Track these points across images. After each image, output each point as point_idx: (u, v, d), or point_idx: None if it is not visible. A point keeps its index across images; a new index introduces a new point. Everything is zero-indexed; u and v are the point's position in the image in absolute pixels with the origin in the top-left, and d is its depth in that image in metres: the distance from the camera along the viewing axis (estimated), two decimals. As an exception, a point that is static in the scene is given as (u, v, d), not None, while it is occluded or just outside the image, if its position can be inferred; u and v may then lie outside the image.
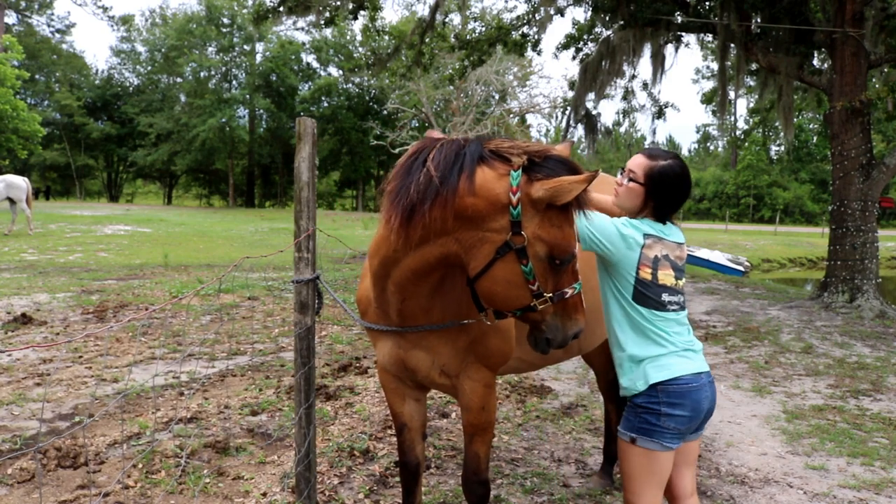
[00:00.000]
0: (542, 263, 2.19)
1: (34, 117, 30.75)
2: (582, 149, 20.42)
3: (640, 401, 2.45)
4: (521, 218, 2.12)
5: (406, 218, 2.21)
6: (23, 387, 5.41)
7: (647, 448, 2.44)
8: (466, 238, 2.21)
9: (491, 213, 2.15)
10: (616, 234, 2.44)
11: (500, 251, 2.17)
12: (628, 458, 2.49)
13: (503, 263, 2.18)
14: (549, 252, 2.17)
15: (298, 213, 2.99)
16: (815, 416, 5.68)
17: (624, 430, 2.50)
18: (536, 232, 2.15)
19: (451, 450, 4.53)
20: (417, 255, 2.32)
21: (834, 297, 11.78)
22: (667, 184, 2.48)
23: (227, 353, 6.83)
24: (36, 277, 11.35)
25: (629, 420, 2.49)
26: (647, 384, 2.43)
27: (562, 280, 2.25)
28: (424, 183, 2.17)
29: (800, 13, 12.59)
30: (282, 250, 3.93)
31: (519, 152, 2.18)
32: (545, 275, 2.21)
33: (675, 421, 2.41)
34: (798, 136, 53.06)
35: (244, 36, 47.46)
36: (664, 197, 2.50)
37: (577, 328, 2.33)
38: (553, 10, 15.00)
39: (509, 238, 2.14)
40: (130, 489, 3.67)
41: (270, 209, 48.41)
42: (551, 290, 2.23)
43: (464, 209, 2.16)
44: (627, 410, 2.52)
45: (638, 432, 2.45)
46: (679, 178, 2.50)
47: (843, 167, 11.80)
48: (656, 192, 2.49)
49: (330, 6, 14.91)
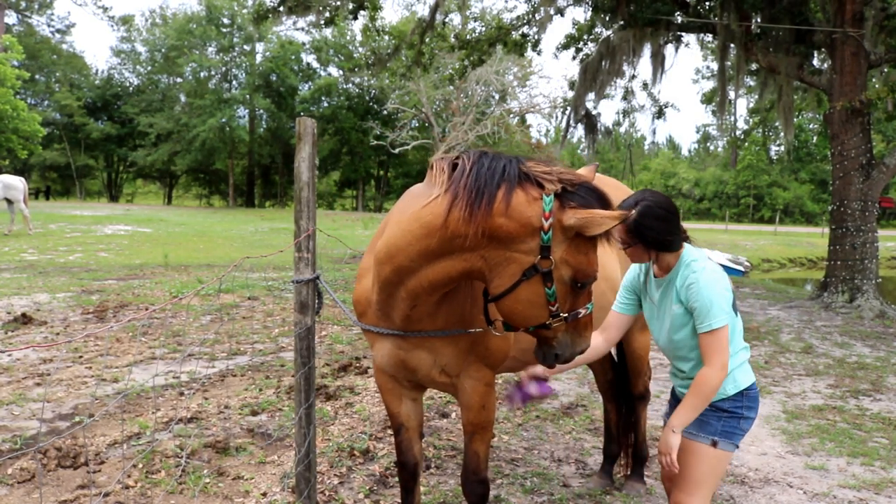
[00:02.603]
0: (564, 286, 2.24)
1: (34, 117, 30.73)
2: (582, 149, 20.43)
3: (727, 405, 2.53)
4: (551, 243, 2.16)
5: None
6: (23, 387, 5.41)
7: (725, 451, 2.53)
8: (493, 257, 2.24)
9: (521, 236, 2.18)
10: (727, 283, 2.53)
11: (526, 273, 2.20)
12: (702, 461, 2.54)
13: (528, 285, 2.22)
14: (573, 276, 2.23)
15: (298, 213, 2.99)
16: (815, 416, 5.68)
17: (702, 434, 2.54)
18: (564, 257, 2.19)
19: (450, 450, 4.53)
20: (439, 267, 2.32)
21: (834, 297, 11.78)
22: (649, 227, 2.51)
23: (227, 353, 6.83)
24: (36, 277, 11.35)
25: (710, 424, 2.54)
26: (737, 389, 2.53)
27: (578, 301, 2.31)
28: (464, 197, 2.21)
29: (800, 13, 12.59)
30: (282, 250, 3.93)
31: (553, 179, 2.20)
32: (565, 297, 2.26)
33: (749, 424, 2.56)
34: (798, 136, 53.04)
35: (244, 36, 47.42)
36: (657, 237, 2.53)
37: (585, 345, 2.39)
38: (553, 10, 15.00)
39: (537, 261, 2.18)
40: (130, 489, 3.67)
41: (270, 209, 48.39)
42: (567, 311, 2.29)
43: (496, 229, 2.18)
44: (705, 415, 2.54)
45: (721, 435, 2.52)
46: (655, 218, 2.51)
47: (843, 167, 11.80)
48: (647, 239, 2.53)
49: (330, 6, 14.91)
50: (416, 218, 2.33)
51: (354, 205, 58.10)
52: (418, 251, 2.32)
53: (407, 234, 2.35)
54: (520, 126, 39.82)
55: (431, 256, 2.31)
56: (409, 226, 2.35)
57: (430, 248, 2.29)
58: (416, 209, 2.34)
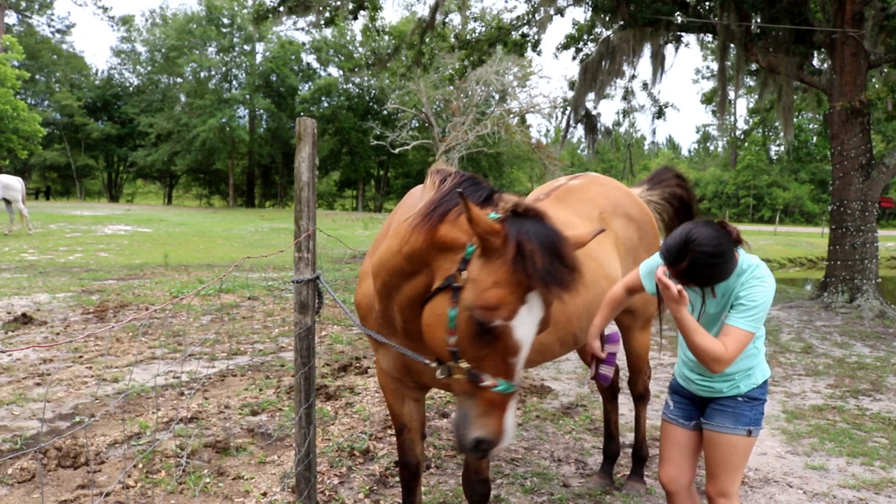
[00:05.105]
0: (467, 320, 1.99)
1: (34, 117, 30.71)
2: (582, 149, 20.44)
3: (757, 393, 2.63)
4: (471, 258, 2.05)
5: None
6: (23, 387, 5.42)
7: (755, 437, 2.65)
8: (440, 269, 2.18)
9: (459, 247, 2.11)
10: (773, 291, 2.53)
11: (444, 282, 2.10)
12: (736, 450, 2.62)
13: (441, 297, 2.10)
14: (473, 303, 1.97)
15: (298, 213, 3.00)
16: (815, 415, 5.69)
17: (739, 426, 2.61)
18: (473, 276, 2.01)
19: (450, 450, 4.53)
20: (414, 284, 2.32)
21: (834, 297, 11.79)
22: (703, 276, 2.43)
23: (227, 353, 6.84)
24: (36, 277, 11.35)
25: (744, 415, 2.61)
26: (764, 377, 2.66)
27: (486, 359, 1.98)
28: (418, 213, 2.24)
29: (800, 13, 12.60)
30: (282, 250, 3.94)
31: (506, 204, 2.16)
32: (468, 335, 1.99)
33: (765, 407, 2.69)
34: (798, 136, 53.02)
35: (244, 36, 47.41)
36: (710, 282, 2.46)
37: (482, 434, 1.97)
38: (553, 10, 15.00)
39: (454, 272, 2.08)
40: (131, 489, 3.67)
41: (270, 209, 48.38)
42: (469, 358, 2.01)
43: (440, 238, 2.16)
44: (738, 407, 2.62)
45: (753, 424, 2.62)
46: (707, 267, 2.37)
47: (843, 167, 11.80)
48: (702, 282, 2.46)
49: (330, 6, 14.91)
50: (396, 233, 2.40)
51: (354, 205, 58.09)
52: (394, 267, 2.37)
53: (388, 249, 2.42)
54: (520, 126, 39.79)
55: (405, 274, 2.34)
56: (390, 241, 2.43)
57: (402, 266, 2.33)
58: (397, 225, 2.44)
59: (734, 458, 2.63)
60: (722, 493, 2.66)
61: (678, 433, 2.82)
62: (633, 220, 3.79)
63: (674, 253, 2.40)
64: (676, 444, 2.82)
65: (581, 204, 3.63)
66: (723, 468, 2.65)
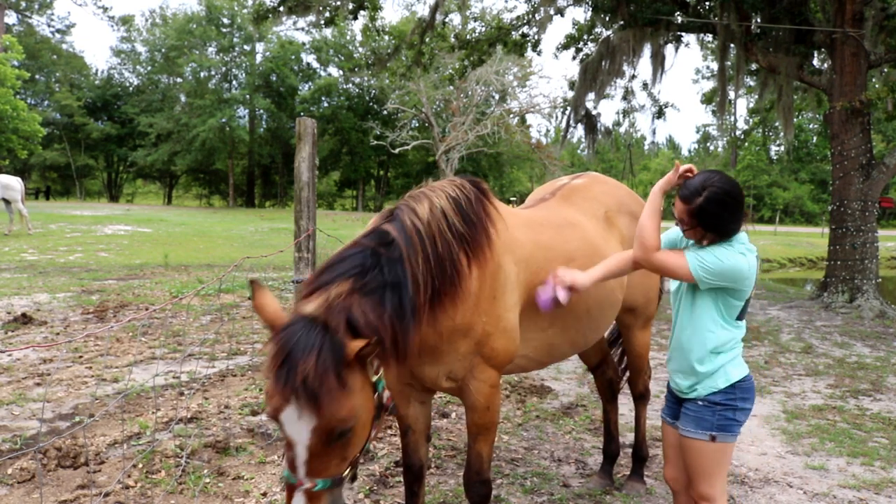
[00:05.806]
0: None
1: (34, 117, 30.70)
2: (582, 149, 20.42)
3: (719, 398, 2.57)
4: None
5: None
6: (23, 387, 5.41)
7: (724, 442, 2.58)
8: None
9: None
10: (747, 270, 2.53)
11: None
12: (704, 455, 2.59)
13: None
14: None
15: (298, 213, 3.00)
16: (815, 415, 5.68)
17: (699, 430, 2.59)
18: None
19: (451, 450, 4.53)
20: None
21: (834, 297, 11.79)
22: (713, 214, 2.50)
23: (227, 353, 6.83)
24: (36, 277, 11.35)
25: (705, 419, 2.58)
26: (728, 382, 2.57)
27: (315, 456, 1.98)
28: None
29: (800, 13, 12.60)
30: (282, 250, 3.94)
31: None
32: None
33: (744, 414, 2.59)
34: (798, 136, 53.02)
35: (244, 36, 47.42)
36: (718, 224, 2.53)
37: None
38: (553, 10, 15.00)
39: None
40: (130, 489, 3.67)
41: (270, 209, 48.38)
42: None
43: None
44: (699, 411, 2.60)
45: (717, 429, 2.57)
46: (720, 204, 2.49)
47: (843, 167, 11.80)
48: (708, 225, 2.53)
49: (330, 6, 14.91)
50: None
51: (354, 205, 58.10)
52: None
53: None
54: (520, 126, 39.82)
55: None
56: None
57: None
58: None
59: (702, 462, 2.59)
60: (702, 497, 2.62)
61: (669, 432, 2.83)
62: (637, 218, 3.80)
63: (692, 188, 2.52)
64: (671, 443, 2.82)
65: (586, 203, 3.64)
66: (696, 472, 2.62)
